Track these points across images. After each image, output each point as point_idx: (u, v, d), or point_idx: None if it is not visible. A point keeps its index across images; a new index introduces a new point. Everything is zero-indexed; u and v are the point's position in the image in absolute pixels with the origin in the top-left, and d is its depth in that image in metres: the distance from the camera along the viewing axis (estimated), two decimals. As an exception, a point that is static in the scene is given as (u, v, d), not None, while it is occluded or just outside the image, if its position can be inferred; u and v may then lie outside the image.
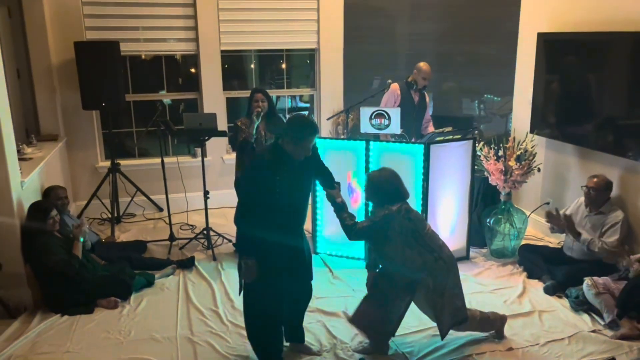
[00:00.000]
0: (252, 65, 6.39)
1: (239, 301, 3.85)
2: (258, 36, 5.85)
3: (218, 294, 4.06)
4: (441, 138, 4.46)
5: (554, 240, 4.88)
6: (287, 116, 5.46)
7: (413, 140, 4.79)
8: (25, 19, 5.08)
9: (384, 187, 3.13)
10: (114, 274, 4.04)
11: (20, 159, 4.16)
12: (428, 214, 4.27)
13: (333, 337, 3.48)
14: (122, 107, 5.41)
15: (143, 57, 5.94)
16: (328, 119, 5.60)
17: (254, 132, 4.41)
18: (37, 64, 5.20)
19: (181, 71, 6.16)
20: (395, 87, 5.06)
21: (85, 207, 5.53)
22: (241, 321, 3.49)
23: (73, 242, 3.92)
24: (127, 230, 5.39)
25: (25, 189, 3.99)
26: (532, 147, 4.52)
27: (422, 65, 5.01)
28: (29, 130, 5.33)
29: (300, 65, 6.64)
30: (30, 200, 4.01)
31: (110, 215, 5.40)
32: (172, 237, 4.88)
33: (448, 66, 6.28)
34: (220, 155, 5.98)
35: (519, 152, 4.44)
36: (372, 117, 4.52)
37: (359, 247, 4.51)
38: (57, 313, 3.77)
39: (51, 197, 4.35)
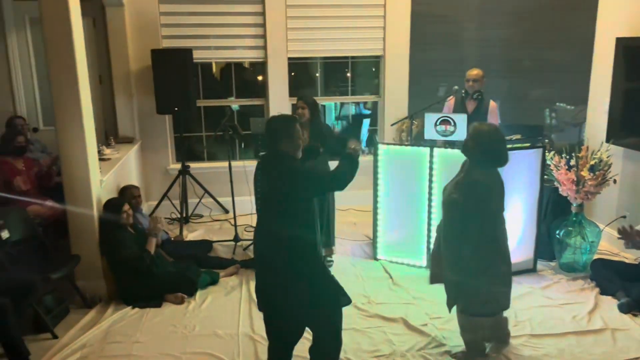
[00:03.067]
0: (317, 73, 6.49)
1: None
2: (324, 43, 5.94)
3: (279, 294, 4.13)
4: (509, 146, 4.33)
5: (631, 256, 4.61)
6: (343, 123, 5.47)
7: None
8: (108, 28, 5.44)
9: (496, 146, 3.03)
10: (182, 271, 4.21)
11: (100, 159, 4.43)
12: (493, 224, 4.15)
13: (392, 344, 3.45)
14: (193, 112, 5.66)
15: (213, 64, 6.18)
16: (392, 125, 5.59)
17: None
18: (117, 70, 5.55)
19: (249, 78, 6.35)
20: (451, 98, 5.00)
21: (156, 207, 5.80)
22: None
23: (146, 238, 4.14)
24: (194, 230, 5.60)
25: (104, 187, 4.24)
26: (607, 157, 4.30)
27: (468, 70, 4.91)
28: (108, 132, 5.68)
29: (365, 73, 6.67)
30: (107, 198, 4.27)
31: (179, 215, 5.64)
32: (236, 238, 5.03)
33: (517, 74, 6.10)
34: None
35: (592, 162, 4.24)
36: (437, 123, 4.47)
37: (420, 254, 4.46)
38: (129, 305, 3.98)
39: (126, 196, 4.61)
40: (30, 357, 3.19)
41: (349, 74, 6.43)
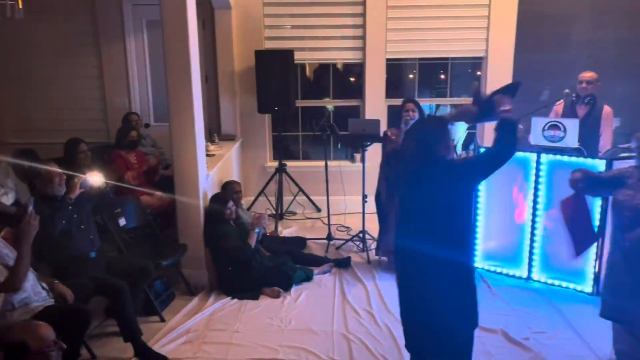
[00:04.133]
0: (411, 75, 6.41)
1: (392, 305, 3.91)
2: (424, 44, 5.86)
3: (372, 295, 4.13)
4: (626, 155, 4.03)
5: None
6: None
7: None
8: (215, 30, 5.71)
9: None
10: (278, 265, 4.33)
11: (205, 155, 4.66)
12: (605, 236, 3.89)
13: (491, 356, 3.34)
14: (292, 112, 5.80)
15: (309, 65, 6.30)
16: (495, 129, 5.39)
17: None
18: (223, 70, 5.82)
19: (346, 79, 6.40)
20: (560, 102, 4.73)
21: (253, 203, 6.01)
22: (395, 325, 3.54)
23: (246, 232, 4.30)
24: (288, 226, 5.74)
25: (209, 181, 4.46)
26: None
27: (582, 72, 4.60)
28: (212, 130, 5.96)
29: (462, 74, 6.50)
30: (212, 192, 4.49)
31: (274, 212, 5.80)
32: (329, 237, 5.09)
33: (635, 76, 5.66)
34: (378, 161, 6.08)
35: None
36: (545, 128, 4.25)
37: (520, 263, 4.27)
38: (228, 296, 4.15)
39: (228, 190, 4.82)
40: (141, 337, 3.42)
41: (443, 76, 6.29)
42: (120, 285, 3.30)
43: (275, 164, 5.94)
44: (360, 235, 5.02)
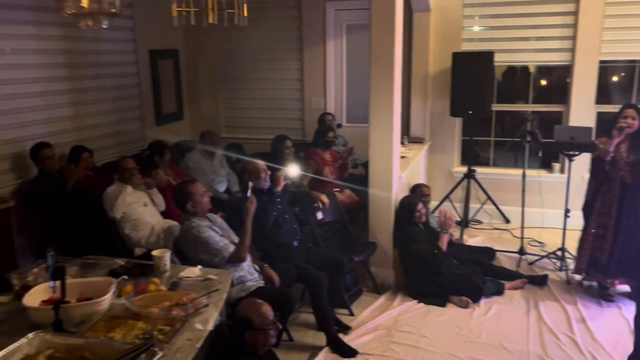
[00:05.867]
0: (620, 77, 5.68)
1: (602, 335, 3.53)
2: (648, 44, 5.18)
3: (574, 320, 3.77)
4: None
5: None
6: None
7: None
8: (413, 32, 5.73)
9: None
10: (467, 274, 4.19)
11: (397, 157, 4.71)
12: None
13: None
14: (486, 116, 5.57)
15: (500, 67, 5.97)
16: None
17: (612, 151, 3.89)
18: (417, 72, 5.82)
19: (549, 82, 5.94)
20: None
21: (436, 207, 5.91)
22: (604, 357, 3.20)
23: (435, 235, 4.24)
24: (473, 235, 5.52)
25: (400, 183, 4.49)
26: None
27: None
28: (402, 132, 5.99)
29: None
30: (402, 194, 4.51)
31: (460, 218, 5.64)
32: (522, 251, 4.77)
33: None
34: (581, 173, 5.54)
35: None
36: None
37: None
38: (414, 299, 4.14)
39: (417, 193, 4.81)
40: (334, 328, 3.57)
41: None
42: (319, 276, 3.50)
43: (464, 169, 5.76)
44: (559, 252, 4.61)
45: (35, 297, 2.15)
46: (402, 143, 5.53)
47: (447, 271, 4.15)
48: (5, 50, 4.14)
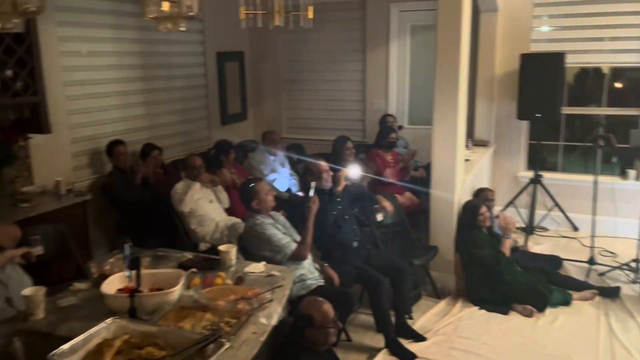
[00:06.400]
0: None
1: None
2: None
3: (648, 336, 3.57)
4: None
5: None
6: None
7: None
8: (479, 33, 5.60)
9: None
10: (532, 282, 4.05)
11: (461, 160, 4.62)
12: None
13: None
14: (556, 120, 5.37)
15: (580, 69, 5.72)
16: None
17: None
18: (483, 74, 5.69)
19: (624, 84, 5.64)
20: None
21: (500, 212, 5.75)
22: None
23: (498, 240, 4.13)
24: (538, 242, 5.32)
25: (464, 187, 4.41)
26: None
27: None
28: (466, 135, 5.86)
29: None
30: (464, 198, 4.42)
31: (524, 225, 5.46)
32: (591, 260, 4.56)
33: None
34: (659, 180, 5.25)
35: None
36: None
37: None
38: (475, 305, 4.05)
39: (481, 197, 4.70)
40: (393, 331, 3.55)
41: None
42: (379, 278, 3.49)
43: (530, 174, 5.57)
44: (632, 264, 4.37)
45: (111, 285, 2.28)
46: (466, 146, 5.42)
47: (510, 278, 4.03)
48: (82, 51, 4.39)
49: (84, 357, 1.82)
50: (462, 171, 4.34)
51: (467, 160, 5.02)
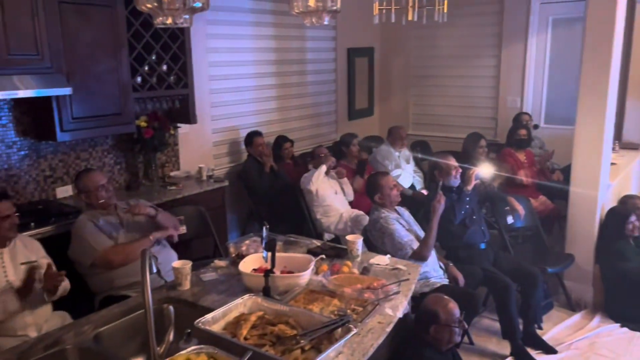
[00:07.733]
0: None
1: None
2: None
3: None
4: None
5: None
6: None
7: None
8: (634, 25, 5.08)
9: None
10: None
11: (607, 163, 4.24)
12: None
13: None
14: None
15: None
16: None
17: None
18: (636, 71, 5.16)
19: None
20: None
21: None
22: None
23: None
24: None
25: (609, 192, 4.04)
26: None
27: None
28: (613, 136, 5.37)
29: None
30: (609, 205, 4.05)
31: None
32: None
33: None
34: None
35: None
36: None
37: None
38: (616, 322, 3.71)
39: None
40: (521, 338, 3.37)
41: None
42: (507, 282, 3.32)
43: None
44: None
45: (248, 265, 2.43)
46: (613, 148, 4.96)
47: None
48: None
49: (224, 327, 1.97)
50: (608, 175, 3.98)
51: (613, 164, 4.60)
